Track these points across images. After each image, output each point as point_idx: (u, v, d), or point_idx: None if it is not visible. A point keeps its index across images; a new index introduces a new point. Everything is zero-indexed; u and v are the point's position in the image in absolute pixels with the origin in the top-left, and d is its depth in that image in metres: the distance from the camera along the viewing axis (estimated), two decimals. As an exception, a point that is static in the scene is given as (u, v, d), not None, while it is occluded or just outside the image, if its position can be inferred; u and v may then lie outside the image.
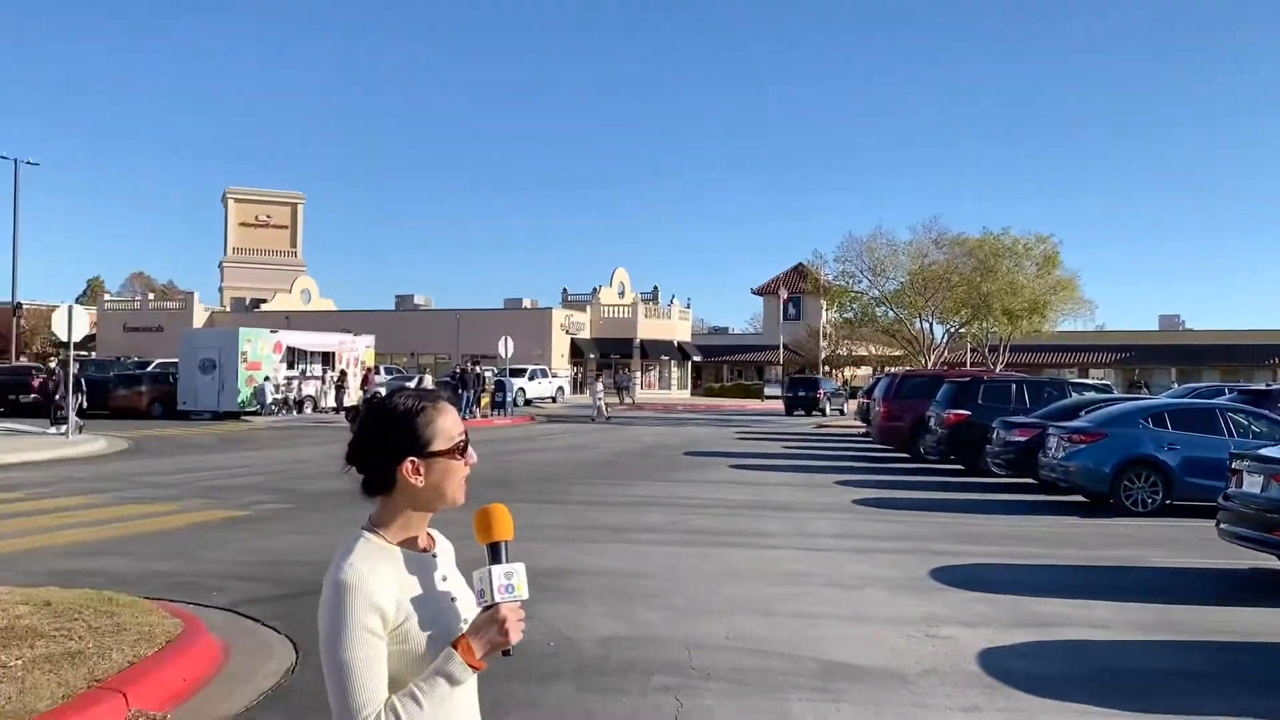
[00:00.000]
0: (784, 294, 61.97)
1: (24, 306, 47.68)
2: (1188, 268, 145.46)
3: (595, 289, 65.72)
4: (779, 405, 49.90)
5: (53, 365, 28.07)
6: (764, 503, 14.80)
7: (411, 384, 40.66)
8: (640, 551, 10.55)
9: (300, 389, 37.00)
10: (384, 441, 1.98)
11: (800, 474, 19.09)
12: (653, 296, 69.37)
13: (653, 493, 15.82)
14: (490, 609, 1.85)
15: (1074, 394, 19.70)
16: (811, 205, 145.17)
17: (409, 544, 1.99)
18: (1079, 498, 15.10)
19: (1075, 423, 15.08)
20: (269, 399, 34.82)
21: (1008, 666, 6.55)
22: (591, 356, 62.92)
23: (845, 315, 48.05)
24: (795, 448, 26.21)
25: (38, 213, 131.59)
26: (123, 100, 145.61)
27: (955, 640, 7.17)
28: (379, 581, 1.86)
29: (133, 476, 17.07)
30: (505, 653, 1.87)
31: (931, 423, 20.42)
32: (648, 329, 63.41)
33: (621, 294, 66.78)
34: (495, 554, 1.92)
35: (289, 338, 38.13)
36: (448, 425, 2.00)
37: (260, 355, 35.47)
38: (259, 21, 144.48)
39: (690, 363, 68.18)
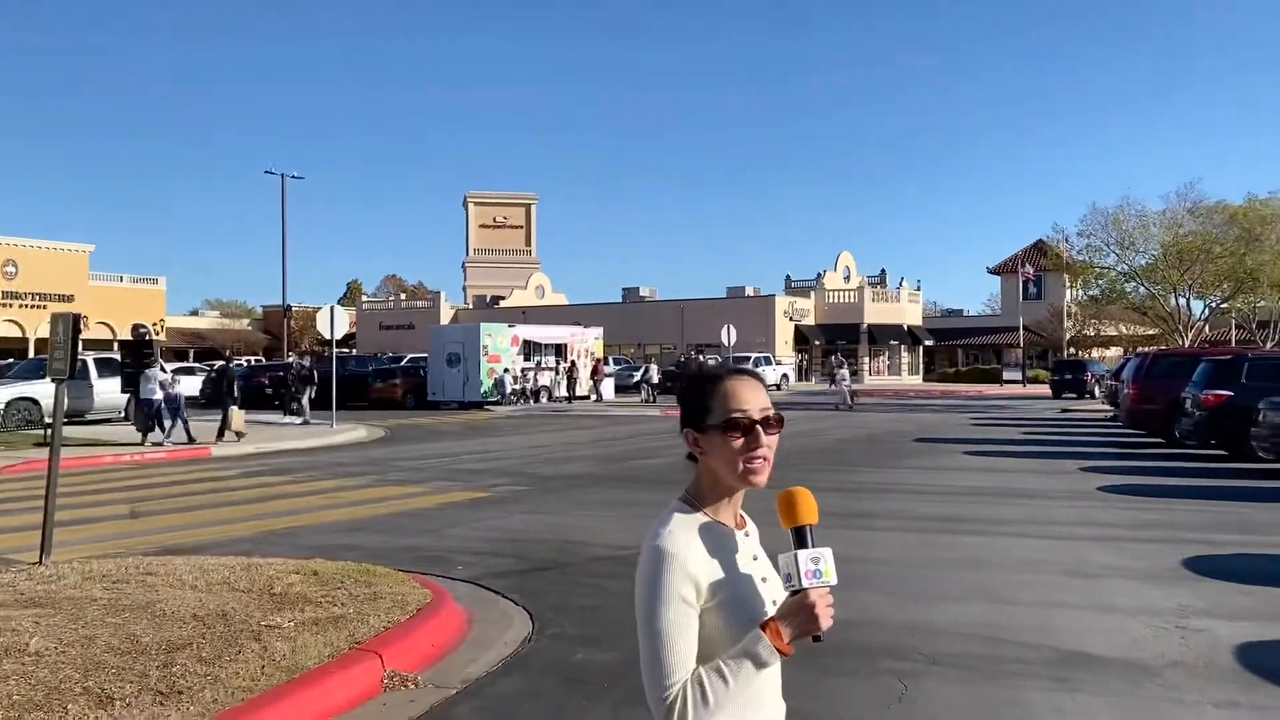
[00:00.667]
0: (1025, 272, 58.93)
1: (292, 309, 52.39)
2: None
3: (819, 274, 64.92)
4: (1019, 390, 47.58)
5: (290, 360, 30.75)
6: (999, 489, 14.22)
7: (638, 374, 41.71)
8: (866, 538, 10.41)
9: (536, 379, 38.73)
10: (682, 410, 2.04)
11: (1040, 460, 18.18)
12: (880, 280, 67.75)
13: (880, 480, 15.52)
14: (798, 594, 1.84)
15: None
16: (1051, 176, 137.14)
17: (720, 519, 1.99)
18: (1365, 485, 13.59)
19: (1359, 402, 13.54)
20: (508, 389, 36.69)
21: (1268, 662, 6.03)
22: (817, 343, 62.22)
23: (1090, 293, 45.15)
24: (1036, 433, 24.95)
25: (303, 222, 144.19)
26: (376, 114, 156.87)
27: (1208, 633, 6.67)
28: (695, 552, 1.89)
29: (388, 461, 18.49)
30: (816, 639, 1.85)
31: (1188, 404, 18.88)
32: (875, 313, 61.97)
33: (847, 278, 65.63)
34: (800, 539, 1.91)
35: (525, 331, 40.07)
36: (732, 400, 1.95)
37: (499, 348, 37.43)
38: (491, 34, 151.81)
39: (922, 347, 66.07)
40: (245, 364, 45.05)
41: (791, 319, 60.63)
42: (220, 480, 15.80)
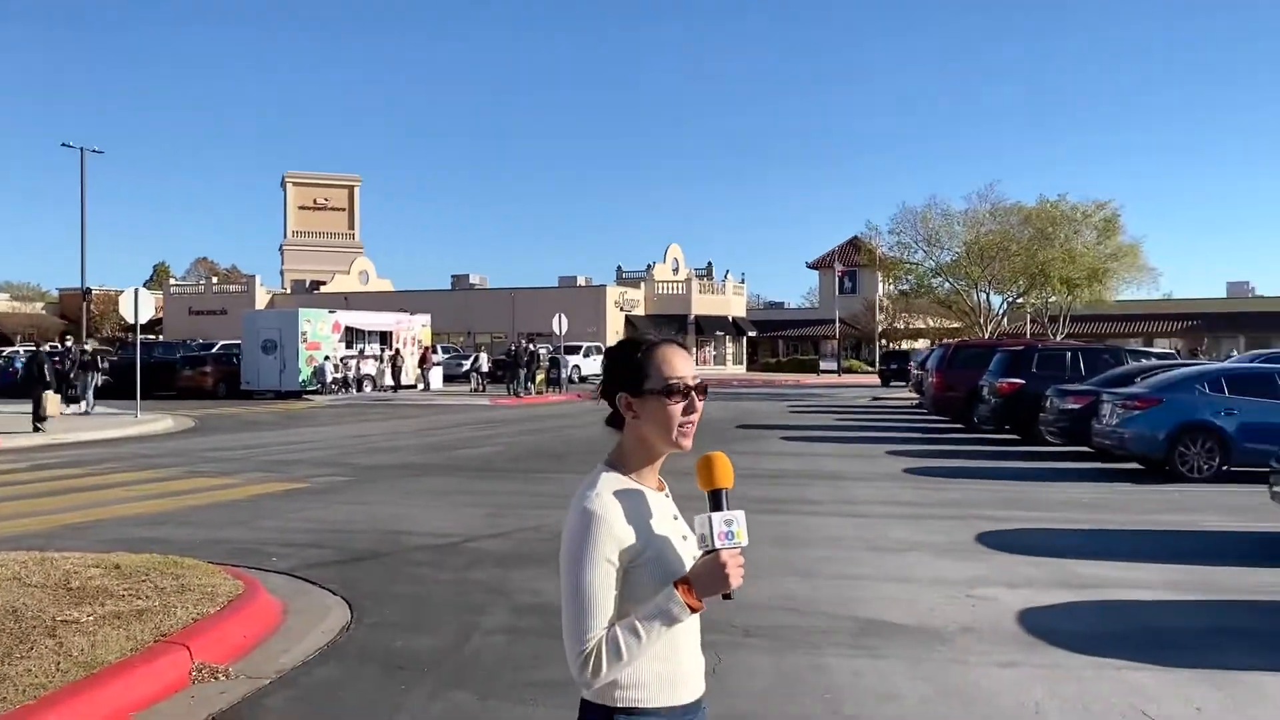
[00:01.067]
0: (839, 267, 61.49)
1: (92, 291, 49.05)
2: (1257, 233, 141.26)
3: (649, 266, 65.78)
4: (835, 379, 49.72)
5: (68, 344, 28.91)
6: (812, 472, 14.87)
7: (468, 363, 40.87)
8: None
9: (359, 368, 37.68)
10: (611, 375, 2.11)
11: (851, 445, 19.09)
12: (707, 272, 69.27)
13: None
14: (712, 554, 1.93)
15: (1130, 361, 19.38)
16: (865, 176, 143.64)
17: (644, 482, 2.07)
18: (1133, 465, 14.92)
19: (1130, 389, 14.89)
20: (329, 378, 35.55)
21: (1047, 625, 6.60)
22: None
23: (901, 287, 47.55)
24: (849, 420, 26.15)
25: (105, 201, 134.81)
26: (186, 90, 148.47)
27: (996, 601, 7.22)
28: (619, 514, 1.97)
29: (197, 452, 17.64)
30: (726, 596, 1.95)
31: (985, 392, 20.27)
32: (702, 305, 63.37)
33: (675, 270, 66.76)
34: (716, 501, 1.99)
35: (347, 318, 38.86)
36: (667, 367, 2.05)
37: (320, 335, 36.19)
38: (306, 21, 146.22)
39: (745, 338, 68.01)
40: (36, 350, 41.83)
41: (622, 309, 61.24)
42: (8, 474, 14.70)
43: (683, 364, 2.06)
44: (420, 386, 39.54)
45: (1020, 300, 44.53)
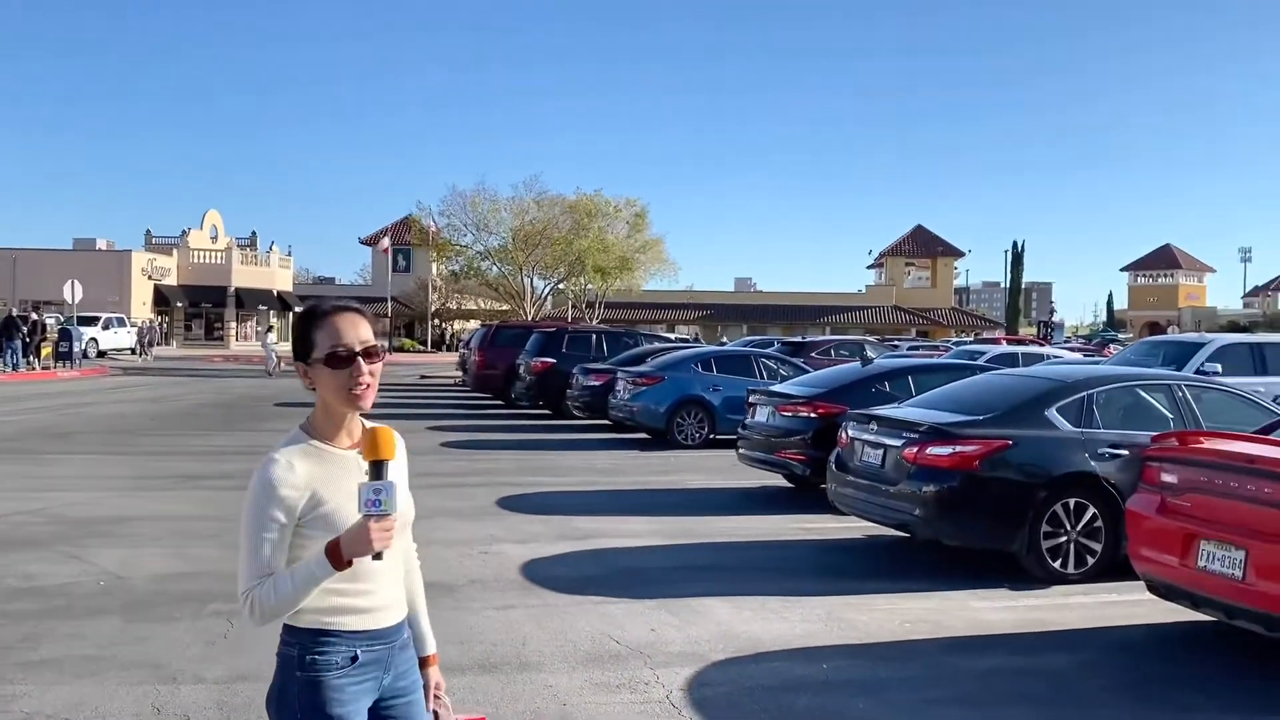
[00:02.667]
0: (389, 245, 61.17)
1: None
2: (758, 236, 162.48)
3: (184, 231, 60.82)
4: (386, 358, 49.57)
5: None
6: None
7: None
8: (209, 497, 10.43)
9: None
10: (294, 346, 2.27)
11: (395, 421, 19.18)
12: (250, 242, 65.45)
13: (233, 442, 15.44)
14: (362, 519, 2.12)
15: (645, 344, 21.70)
16: (422, 157, 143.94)
17: (334, 441, 2.26)
18: (643, 435, 16.81)
19: (639, 368, 16.77)
20: None
21: (545, 573, 7.46)
22: (180, 305, 58.39)
23: (452, 268, 48.58)
24: (395, 398, 26.37)
25: None
26: None
27: (504, 555, 7.99)
28: (295, 475, 2.18)
29: None
30: (376, 556, 2.15)
31: (521, 370, 21.57)
32: (244, 276, 59.82)
33: (214, 238, 62.37)
34: (376, 471, 2.16)
35: None
36: (331, 335, 2.23)
37: None
38: None
39: (291, 313, 65.34)
40: None
41: (151, 277, 56.05)
42: None
43: (349, 331, 2.24)
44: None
45: (562, 285, 47.51)
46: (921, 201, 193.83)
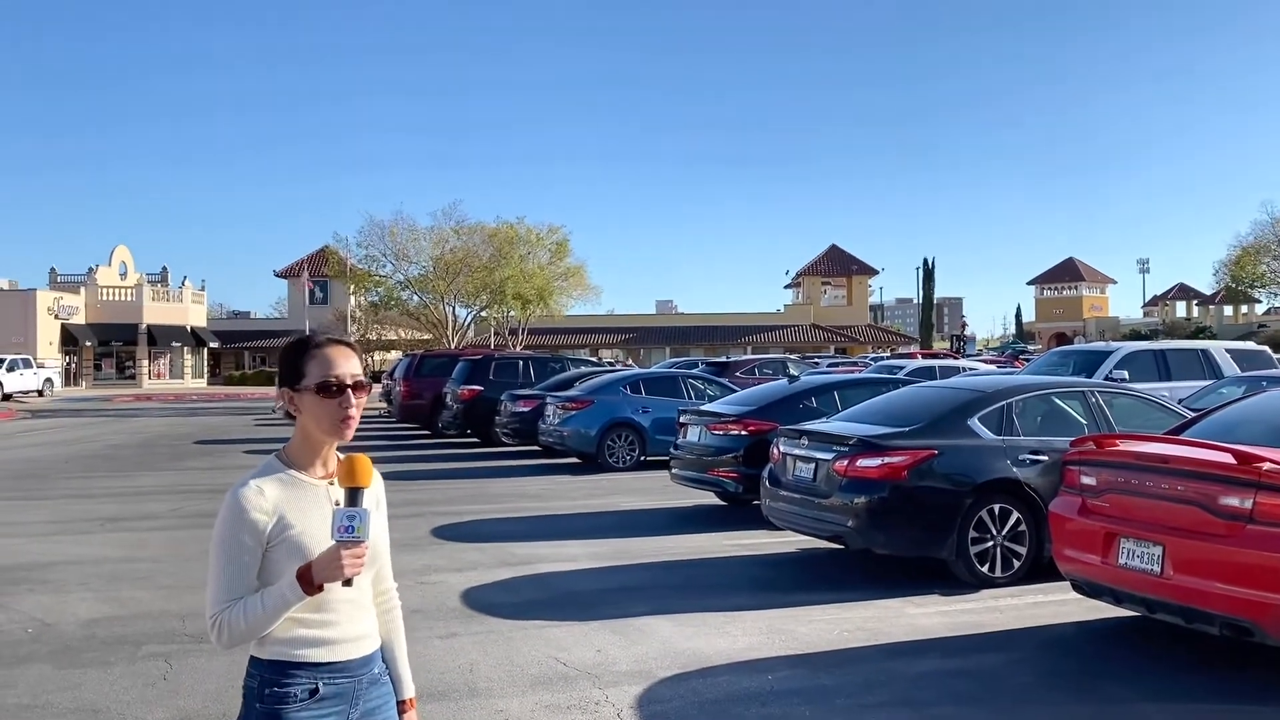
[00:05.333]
0: (307, 278, 60.19)
1: None
2: (678, 258, 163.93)
3: (91, 269, 59.06)
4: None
5: None
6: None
7: None
8: (137, 538, 10.17)
9: None
10: (280, 373, 2.28)
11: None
12: (162, 278, 63.78)
13: (155, 482, 15.05)
14: (333, 545, 2.14)
15: (573, 369, 21.75)
16: (338, 189, 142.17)
17: (309, 470, 2.28)
18: (574, 459, 16.83)
19: (568, 393, 16.82)
20: None
21: (486, 600, 7.47)
22: (88, 344, 56.61)
23: (371, 299, 47.99)
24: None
25: None
26: None
27: (444, 584, 7.96)
28: (263, 502, 2.21)
29: None
30: (346, 583, 2.17)
31: (448, 399, 21.43)
32: (156, 313, 58.27)
33: (124, 274, 60.67)
34: (351, 498, 2.20)
35: None
36: (323, 365, 2.26)
37: None
38: None
39: (206, 349, 63.83)
40: None
41: (58, 316, 54.27)
42: None
43: (342, 363, 2.29)
44: None
45: (485, 314, 47.25)
46: (835, 221, 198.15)
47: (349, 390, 2.29)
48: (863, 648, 6.19)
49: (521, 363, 22.14)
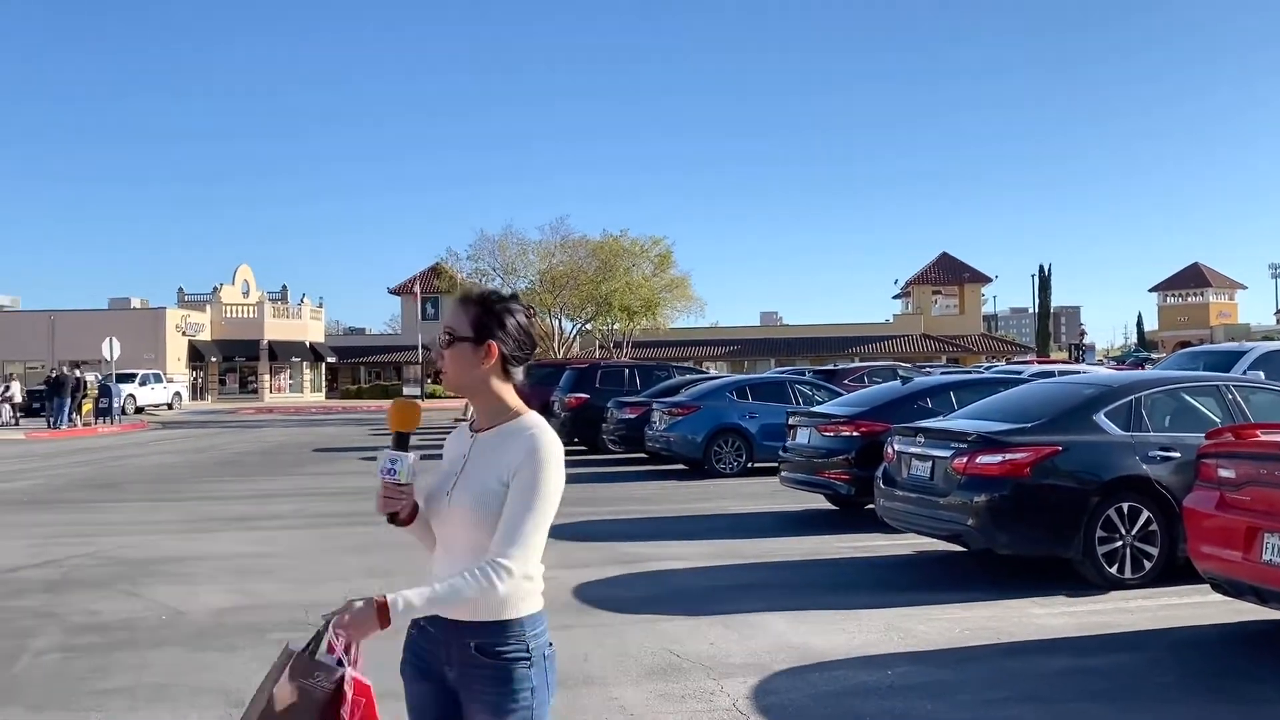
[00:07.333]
0: (419, 293, 61.74)
1: None
2: (783, 270, 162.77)
3: (216, 288, 61.77)
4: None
5: None
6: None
7: (-3, 392, 35.69)
8: (264, 536, 10.54)
9: None
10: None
11: (433, 461, 19.48)
12: (281, 296, 66.31)
13: (279, 486, 15.59)
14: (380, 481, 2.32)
15: (678, 376, 21.73)
16: (447, 204, 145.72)
17: (474, 422, 2.42)
18: (680, 465, 16.80)
19: (675, 398, 16.80)
20: None
21: (598, 595, 7.49)
22: (214, 359, 59.17)
23: (480, 313, 48.80)
24: (436, 440, 26.52)
25: None
26: None
27: (556, 579, 7.88)
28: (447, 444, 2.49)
29: None
30: (391, 519, 2.35)
31: (555, 407, 21.63)
32: (276, 329, 60.60)
33: (246, 293, 63.27)
34: (398, 442, 2.36)
35: None
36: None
37: None
38: None
39: (324, 364, 66.03)
40: None
41: (185, 334, 56.90)
42: None
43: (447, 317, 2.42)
44: (-68, 422, 34.14)
45: (589, 326, 47.70)
46: (945, 229, 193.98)
47: (440, 346, 2.42)
48: (985, 646, 5.98)
49: (627, 370, 22.23)
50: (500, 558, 2.21)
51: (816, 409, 11.93)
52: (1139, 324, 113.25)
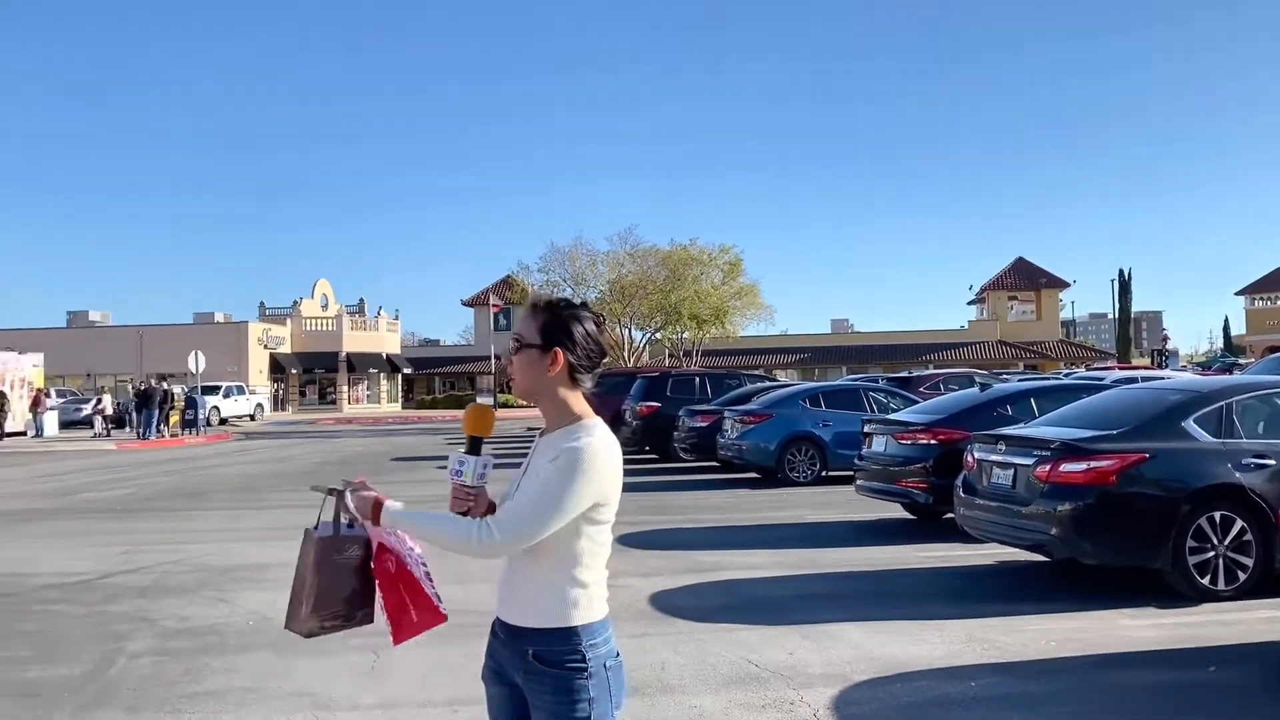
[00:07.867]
0: (493, 304, 62.50)
1: None
2: (854, 278, 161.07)
3: (296, 301, 63.27)
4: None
5: None
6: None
7: (88, 406, 37.12)
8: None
9: (-48, 413, 33.15)
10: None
11: (510, 469, 19.66)
12: (359, 309, 67.68)
13: (357, 494, 15.87)
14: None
15: (749, 384, 21.62)
16: (517, 215, 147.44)
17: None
18: (753, 474, 16.70)
19: (747, 406, 16.72)
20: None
21: (674, 603, 7.48)
22: (294, 371, 60.57)
23: (551, 323, 49.27)
24: (508, 448, 26.81)
25: None
26: None
27: (631, 588, 8.03)
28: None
29: None
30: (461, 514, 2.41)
31: (627, 415, 21.70)
32: (354, 342, 61.86)
33: (325, 306, 64.71)
34: (471, 446, 2.49)
35: (-64, 358, 34.14)
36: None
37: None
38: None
39: (400, 375, 67.17)
40: None
41: (266, 346, 58.38)
42: None
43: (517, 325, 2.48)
44: (30, 433, 35.51)
45: (659, 335, 47.78)
46: (1020, 234, 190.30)
47: (509, 353, 2.49)
48: (1073, 657, 5.84)
49: (698, 379, 22.20)
50: (494, 525, 2.32)
51: (893, 416, 11.77)
52: (1225, 328, 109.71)
